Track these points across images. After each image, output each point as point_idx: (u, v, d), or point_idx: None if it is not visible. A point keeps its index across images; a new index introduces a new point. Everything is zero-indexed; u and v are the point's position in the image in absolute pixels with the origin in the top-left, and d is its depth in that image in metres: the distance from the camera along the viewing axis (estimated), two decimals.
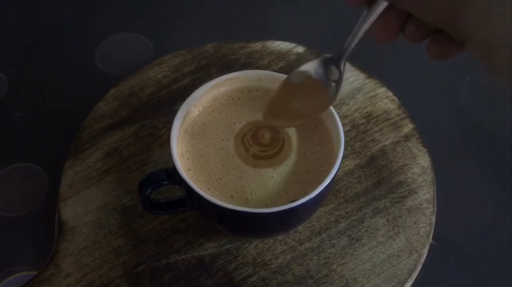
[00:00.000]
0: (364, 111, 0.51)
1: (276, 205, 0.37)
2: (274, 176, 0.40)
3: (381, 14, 0.34)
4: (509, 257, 0.47)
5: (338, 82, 0.39)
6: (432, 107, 0.55)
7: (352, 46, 0.37)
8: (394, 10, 0.34)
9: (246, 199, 0.39)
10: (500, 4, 0.28)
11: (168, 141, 0.40)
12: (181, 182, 0.39)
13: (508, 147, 0.53)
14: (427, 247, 0.45)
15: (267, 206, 0.39)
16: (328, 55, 0.39)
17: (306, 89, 0.40)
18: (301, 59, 0.54)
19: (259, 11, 0.63)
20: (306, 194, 0.37)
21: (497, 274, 0.47)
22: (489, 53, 0.30)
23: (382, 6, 0.33)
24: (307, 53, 0.55)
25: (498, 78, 0.30)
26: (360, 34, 0.35)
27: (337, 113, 0.41)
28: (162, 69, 0.54)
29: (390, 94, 0.52)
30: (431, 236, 0.46)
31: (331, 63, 0.38)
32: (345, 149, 0.40)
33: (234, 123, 0.42)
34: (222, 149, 0.41)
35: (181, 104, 0.41)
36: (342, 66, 0.38)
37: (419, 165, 0.49)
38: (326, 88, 0.39)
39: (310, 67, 0.39)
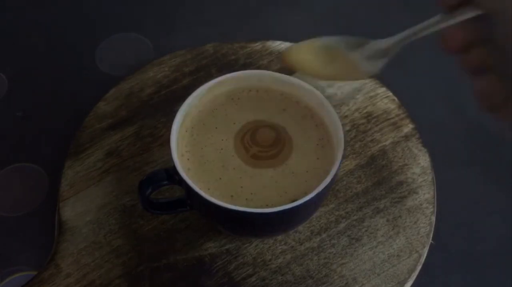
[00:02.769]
0: (364, 111, 0.51)
1: (276, 205, 0.37)
2: (274, 176, 0.40)
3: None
4: (509, 257, 0.47)
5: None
6: (432, 107, 0.55)
7: (405, 42, 0.32)
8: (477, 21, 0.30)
9: (246, 199, 0.39)
10: None
11: (168, 141, 0.40)
12: (181, 182, 0.39)
13: (508, 147, 0.53)
14: (427, 247, 0.45)
15: (267, 206, 0.38)
16: (368, 41, 0.34)
17: (337, 57, 0.35)
18: None
19: (259, 11, 0.62)
20: (306, 194, 0.37)
21: (497, 274, 0.47)
22: None
23: (471, 13, 0.30)
24: None
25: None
26: (424, 32, 0.32)
27: (337, 113, 0.41)
28: (162, 69, 0.54)
29: (390, 94, 0.52)
30: (431, 236, 0.46)
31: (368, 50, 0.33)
32: (345, 149, 0.40)
33: (234, 123, 0.42)
34: (222, 149, 0.41)
35: (181, 104, 0.41)
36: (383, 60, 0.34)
37: (419, 165, 0.48)
38: (358, 67, 0.34)
39: (338, 42, 0.35)
